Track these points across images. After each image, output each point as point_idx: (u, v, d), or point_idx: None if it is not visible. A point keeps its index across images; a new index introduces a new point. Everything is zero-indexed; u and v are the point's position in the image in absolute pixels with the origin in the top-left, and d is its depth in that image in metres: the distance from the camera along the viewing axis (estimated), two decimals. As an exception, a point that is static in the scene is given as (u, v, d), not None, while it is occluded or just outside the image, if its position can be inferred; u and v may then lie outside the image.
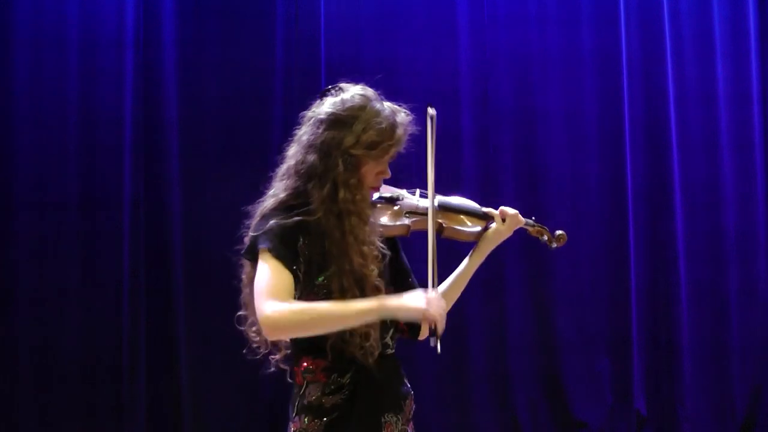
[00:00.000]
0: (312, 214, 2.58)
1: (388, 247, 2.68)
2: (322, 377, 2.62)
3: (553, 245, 3.04)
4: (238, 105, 5.33)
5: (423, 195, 2.79)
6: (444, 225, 2.81)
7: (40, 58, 5.16)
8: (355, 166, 2.59)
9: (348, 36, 5.49)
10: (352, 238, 2.56)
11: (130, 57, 5.20)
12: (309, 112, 2.68)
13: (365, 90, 2.67)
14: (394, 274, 2.75)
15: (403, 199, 2.78)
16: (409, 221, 2.73)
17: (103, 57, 5.20)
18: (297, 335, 2.60)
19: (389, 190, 2.78)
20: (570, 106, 5.69)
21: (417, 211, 2.76)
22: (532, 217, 3.01)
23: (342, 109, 2.61)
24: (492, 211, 2.90)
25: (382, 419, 2.64)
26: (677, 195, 5.70)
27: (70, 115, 5.16)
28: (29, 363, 5.06)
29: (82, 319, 5.11)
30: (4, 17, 5.12)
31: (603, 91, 5.71)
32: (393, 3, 5.56)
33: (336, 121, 2.60)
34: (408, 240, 2.77)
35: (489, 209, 2.91)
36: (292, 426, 2.65)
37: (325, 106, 2.64)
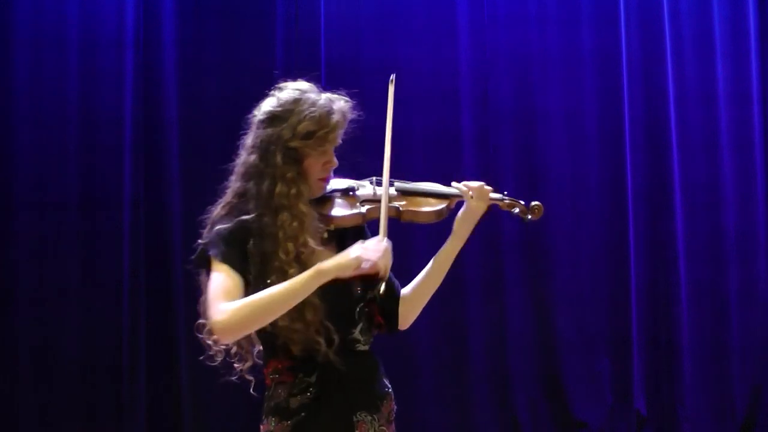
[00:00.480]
0: (251, 213, 2.57)
1: (358, 238, 2.61)
2: (289, 377, 2.58)
3: (528, 217, 2.82)
4: (238, 105, 5.28)
5: (378, 183, 2.71)
6: (401, 208, 2.72)
7: (40, 58, 5.16)
8: (295, 159, 2.58)
9: (348, 36, 5.49)
10: (281, 233, 2.53)
11: (130, 57, 5.20)
12: (251, 117, 2.69)
13: (300, 84, 2.67)
14: None
15: (357, 188, 2.73)
16: (364, 209, 2.68)
17: (103, 57, 5.20)
18: (249, 330, 2.53)
19: (344, 183, 2.73)
20: (570, 106, 5.68)
21: (373, 199, 2.70)
22: (504, 191, 2.86)
23: (278, 105, 2.62)
24: (455, 190, 2.76)
25: (354, 418, 2.57)
26: (677, 195, 5.69)
27: (70, 115, 5.16)
28: (29, 363, 5.06)
29: (82, 319, 5.11)
30: (4, 17, 5.12)
31: (603, 91, 5.70)
32: (393, 3, 5.56)
33: (273, 118, 2.61)
34: (393, 231, 2.66)
35: (452, 188, 2.78)
36: (262, 428, 2.62)
37: (263, 107, 2.66)
